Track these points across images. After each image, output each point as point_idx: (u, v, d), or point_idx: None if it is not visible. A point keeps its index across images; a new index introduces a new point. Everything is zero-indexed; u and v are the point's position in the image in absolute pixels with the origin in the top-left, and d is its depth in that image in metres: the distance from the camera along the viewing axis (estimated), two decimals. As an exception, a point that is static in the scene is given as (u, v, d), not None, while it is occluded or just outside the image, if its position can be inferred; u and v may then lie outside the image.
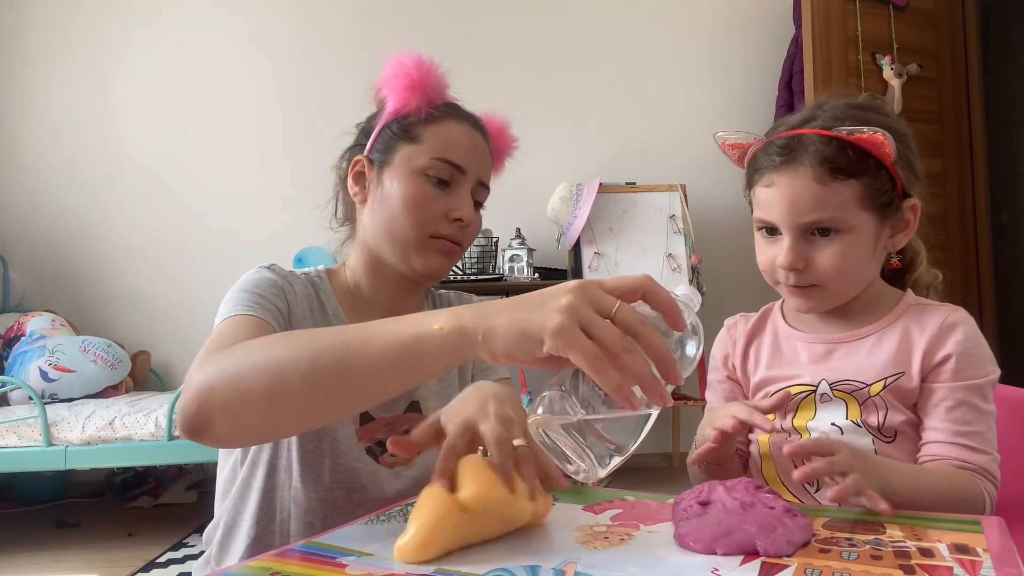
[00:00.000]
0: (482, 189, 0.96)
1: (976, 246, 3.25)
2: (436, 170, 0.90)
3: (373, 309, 0.96)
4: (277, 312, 0.84)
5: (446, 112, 0.94)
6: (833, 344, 0.87)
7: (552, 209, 3.14)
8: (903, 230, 0.86)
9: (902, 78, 2.95)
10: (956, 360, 0.82)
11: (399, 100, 0.91)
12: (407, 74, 0.90)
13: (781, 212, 0.82)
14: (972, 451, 0.79)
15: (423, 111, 0.91)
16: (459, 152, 0.92)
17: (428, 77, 0.92)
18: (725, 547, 0.56)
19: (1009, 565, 0.51)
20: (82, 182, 3.31)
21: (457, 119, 0.94)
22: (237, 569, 0.56)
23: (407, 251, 0.90)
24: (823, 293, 0.84)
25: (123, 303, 3.24)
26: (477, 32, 3.45)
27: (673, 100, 3.47)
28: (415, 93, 0.91)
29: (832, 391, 0.85)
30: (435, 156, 0.90)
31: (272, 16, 3.38)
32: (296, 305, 0.89)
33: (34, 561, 2.35)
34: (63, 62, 3.35)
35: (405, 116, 0.92)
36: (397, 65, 0.91)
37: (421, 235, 0.90)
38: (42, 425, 2.33)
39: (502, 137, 1.03)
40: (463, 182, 0.92)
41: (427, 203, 0.90)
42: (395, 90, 0.92)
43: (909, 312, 0.86)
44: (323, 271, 0.98)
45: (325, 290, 0.95)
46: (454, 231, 0.91)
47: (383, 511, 0.72)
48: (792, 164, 0.81)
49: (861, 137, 0.78)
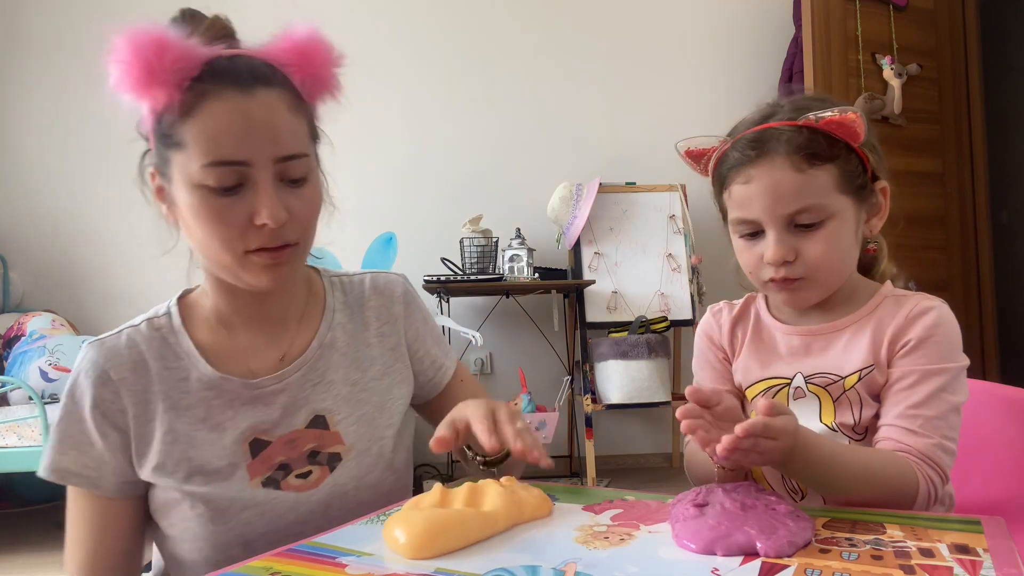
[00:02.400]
0: (291, 163, 0.74)
1: (976, 246, 3.25)
2: (213, 178, 0.72)
3: (244, 329, 0.85)
4: (92, 452, 0.79)
5: (201, 91, 0.71)
6: (811, 336, 0.87)
7: (552, 209, 3.14)
8: (877, 213, 0.85)
9: (902, 78, 2.95)
10: (916, 343, 0.80)
11: (141, 99, 0.72)
12: (128, 67, 0.70)
13: (763, 206, 0.80)
14: (914, 435, 0.76)
15: (174, 102, 0.71)
16: (230, 142, 0.71)
17: (156, 59, 0.69)
18: (724, 548, 0.56)
19: (1009, 565, 0.51)
20: (82, 182, 3.31)
21: (217, 94, 0.71)
22: (237, 569, 0.56)
23: (234, 272, 0.77)
24: (811, 285, 0.82)
25: (123, 303, 3.23)
26: (477, 32, 3.45)
27: (673, 100, 3.47)
28: (150, 87, 0.70)
29: (807, 384, 0.85)
30: (205, 162, 0.71)
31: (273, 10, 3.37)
32: (128, 390, 0.79)
33: (34, 561, 2.35)
34: (63, 62, 3.34)
35: (161, 115, 0.73)
36: (115, 59, 0.70)
37: (235, 254, 0.75)
38: (42, 425, 2.33)
39: (310, 58, 0.78)
40: (253, 175, 0.73)
41: (221, 219, 0.73)
42: (129, 91, 0.71)
43: (885, 304, 0.85)
44: (174, 306, 0.85)
45: (175, 330, 0.83)
46: (267, 238, 0.74)
47: (383, 511, 0.72)
48: (767, 156, 0.79)
49: (833, 119, 0.77)
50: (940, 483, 0.76)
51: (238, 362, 0.83)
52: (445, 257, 3.06)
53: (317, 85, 0.80)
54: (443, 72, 3.36)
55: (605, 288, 3.08)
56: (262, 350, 0.85)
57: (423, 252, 3.11)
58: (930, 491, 0.75)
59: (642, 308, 3.06)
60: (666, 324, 2.98)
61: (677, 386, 3.11)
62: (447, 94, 3.39)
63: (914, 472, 0.74)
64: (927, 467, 0.75)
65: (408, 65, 3.38)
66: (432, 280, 2.86)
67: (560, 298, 3.32)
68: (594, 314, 3.05)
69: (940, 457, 0.76)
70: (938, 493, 0.76)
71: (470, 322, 3.15)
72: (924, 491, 0.74)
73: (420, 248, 3.12)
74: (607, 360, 2.85)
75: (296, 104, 0.77)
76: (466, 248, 3.02)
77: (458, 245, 3.06)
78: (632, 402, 2.80)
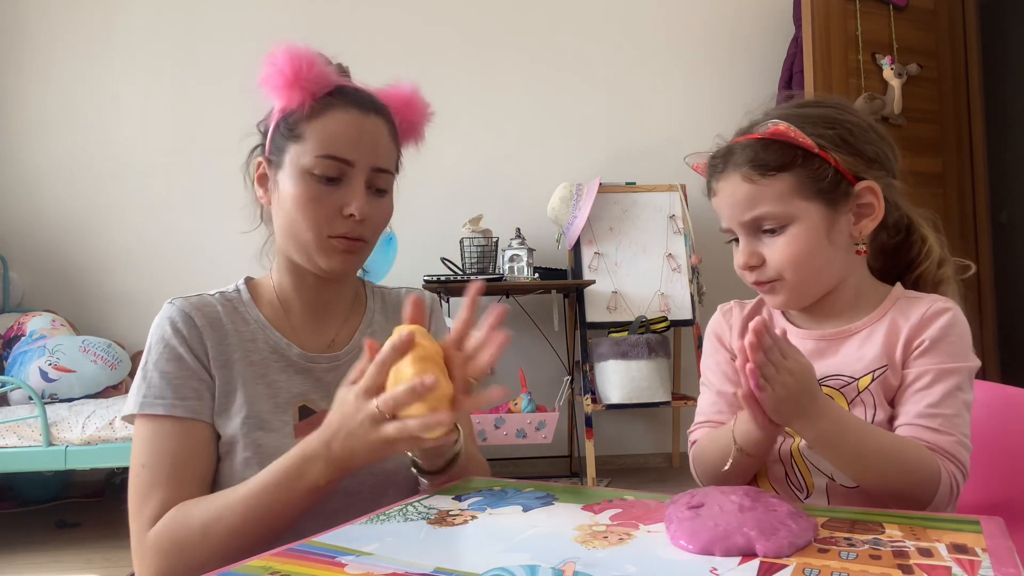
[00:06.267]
0: (380, 175, 0.92)
1: (976, 246, 3.25)
2: (322, 168, 0.88)
3: (301, 311, 0.97)
4: (186, 378, 0.87)
5: (329, 103, 0.89)
6: (824, 341, 0.88)
7: (552, 209, 3.14)
8: (868, 215, 0.85)
9: (902, 78, 2.95)
10: (931, 343, 0.81)
11: (280, 98, 0.89)
12: (280, 72, 0.87)
13: (728, 215, 0.87)
14: (933, 432, 0.78)
15: (306, 106, 0.88)
16: (344, 144, 0.88)
17: (304, 70, 0.87)
18: (723, 550, 0.56)
19: (1008, 565, 0.51)
20: (82, 182, 3.31)
21: (342, 107, 0.90)
22: (237, 569, 0.56)
23: (309, 252, 0.90)
24: (785, 286, 0.85)
25: (123, 303, 3.23)
26: (477, 32, 3.45)
27: (673, 100, 3.47)
28: (292, 90, 0.88)
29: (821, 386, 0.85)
30: (319, 154, 0.87)
31: (272, 16, 3.38)
32: (209, 334, 0.90)
33: (34, 561, 2.35)
34: (63, 62, 3.34)
35: (290, 114, 0.90)
36: (270, 63, 0.88)
37: (319, 236, 0.89)
38: (42, 425, 2.33)
39: (411, 107, 0.99)
40: (353, 175, 0.89)
41: (318, 203, 0.88)
42: (273, 89, 0.89)
43: (897, 305, 0.86)
44: (242, 285, 0.98)
45: (244, 302, 0.96)
46: (350, 227, 0.89)
47: (383, 511, 0.72)
48: (725, 171, 0.86)
49: (767, 132, 0.83)
50: (961, 480, 0.77)
51: (293, 339, 0.95)
52: (445, 257, 3.06)
53: (408, 129, 0.99)
54: (443, 72, 3.36)
55: (605, 288, 3.08)
56: (312, 334, 0.97)
57: (423, 252, 3.11)
58: (952, 486, 0.76)
59: (642, 308, 3.06)
60: (666, 324, 2.98)
61: (677, 386, 3.11)
62: (447, 94, 3.38)
63: (938, 465, 0.76)
64: (950, 463, 0.76)
65: (408, 65, 3.38)
66: (432, 280, 2.86)
67: (560, 298, 3.32)
68: (594, 314, 3.05)
69: (962, 454, 0.77)
70: (959, 489, 0.77)
71: (470, 322, 3.14)
72: (946, 484, 0.75)
73: (420, 248, 3.12)
74: (607, 360, 2.85)
75: (394, 135, 0.95)
76: (466, 248, 3.02)
77: (458, 245, 3.06)
78: (632, 402, 2.80)
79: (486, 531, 0.64)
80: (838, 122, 0.84)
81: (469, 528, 0.65)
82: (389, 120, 0.94)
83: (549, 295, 3.29)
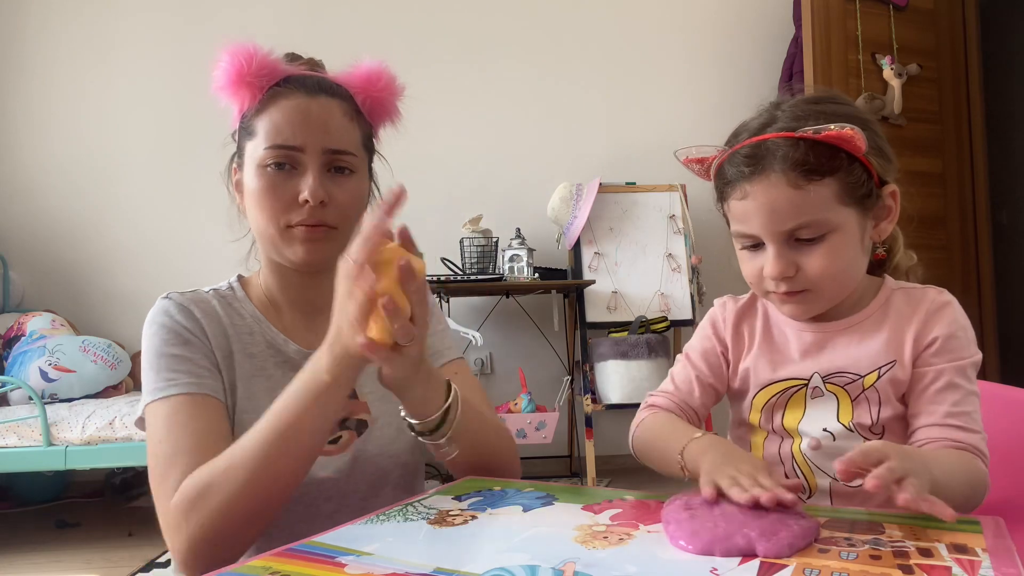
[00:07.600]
0: (339, 156, 0.89)
1: (976, 246, 3.25)
2: (272, 157, 0.87)
3: (290, 309, 0.97)
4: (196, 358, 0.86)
5: (275, 93, 0.89)
6: (824, 334, 0.86)
7: (552, 209, 3.14)
8: (886, 217, 0.84)
9: (902, 78, 2.95)
10: (943, 341, 0.80)
11: (232, 100, 0.90)
12: (224, 73, 0.88)
13: (761, 223, 0.79)
14: (964, 431, 0.78)
15: (256, 101, 0.88)
16: (289, 131, 0.87)
17: (245, 66, 0.87)
18: (723, 551, 0.56)
19: (1007, 565, 0.51)
20: (82, 182, 3.31)
21: (287, 95, 0.88)
22: (237, 569, 0.56)
23: (276, 245, 0.90)
24: (815, 297, 0.81)
25: (123, 303, 3.23)
26: (477, 31, 3.45)
27: (673, 100, 3.47)
28: (239, 88, 0.88)
29: (824, 384, 0.84)
30: (267, 145, 0.87)
31: (273, 17, 3.37)
32: (208, 326, 0.90)
33: (34, 561, 2.35)
34: (62, 62, 3.35)
35: (246, 113, 0.90)
36: (217, 67, 0.89)
37: (279, 227, 0.88)
38: (42, 425, 2.33)
39: (374, 84, 0.94)
40: (305, 160, 0.87)
41: (273, 194, 0.87)
42: (224, 92, 0.89)
43: (895, 297, 0.85)
44: (235, 282, 0.99)
45: (238, 298, 0.96)
46: (308, 214, 0.87)
47: (383, 511, 0.72)
48: (763, 172, 0.77)
49: (830, 134, 0.75)
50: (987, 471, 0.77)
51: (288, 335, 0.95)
52: (445, 257, 3.06)
53: (376, 107, 0.96)
54: (443, 72, 3.36)
55: (605, 288, 3.08)
56: (304, 331, 0.96)
57: (423, 252, 3.11)
58: (988, 482, 0.76)
59: (642, 308, 3.06)
60: (666, 324, 2.98)
61: (677, 386, 3.11)
62: (448, 94, 3.39)
63: (981, 466, 0.76)
64: (980, 460, 0.77)
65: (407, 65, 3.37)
66: (432, 280, 2.86)
67: (560, 298, 3.32)
68: (594, 314, 3.05)
69: (985, 448, 0.78)
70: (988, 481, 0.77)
71: (470, 322, 3.15)
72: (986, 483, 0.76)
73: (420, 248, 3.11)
74: (607, 360, 2.85)
75: (352, 114, 0.92)
76: (466, 248, 3.02)
77: (458, 245, 3.06)
78: (632, 402, 2.80)
79: (486, 531, 0.64)
80: (867, 123, 0.79)
81: (469, 528, 0.65)
82: (346, 99, 0.92)
83: (549, 295, 3.29)
